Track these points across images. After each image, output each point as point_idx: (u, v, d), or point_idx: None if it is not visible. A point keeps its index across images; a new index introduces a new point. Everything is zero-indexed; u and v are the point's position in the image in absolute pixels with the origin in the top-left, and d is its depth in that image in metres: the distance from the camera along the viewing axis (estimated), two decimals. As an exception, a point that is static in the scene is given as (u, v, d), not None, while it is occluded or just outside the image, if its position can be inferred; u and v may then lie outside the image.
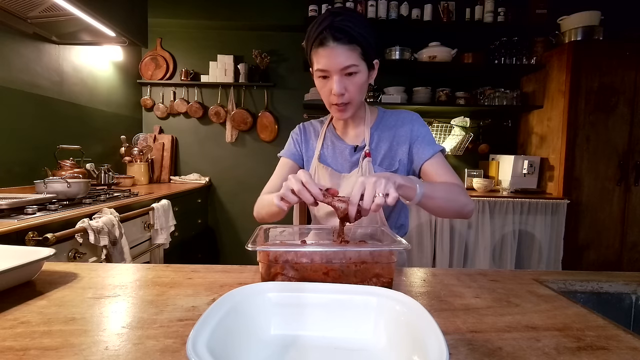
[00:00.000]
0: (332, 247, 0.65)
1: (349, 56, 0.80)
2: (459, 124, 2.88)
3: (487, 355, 0.42)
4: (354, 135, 1.00)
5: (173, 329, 0.47)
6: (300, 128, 1.08)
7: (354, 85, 0.84)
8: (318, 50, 0.81)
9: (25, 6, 1.67)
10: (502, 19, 2.58)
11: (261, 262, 0.62)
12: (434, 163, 0.91)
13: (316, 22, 0.82)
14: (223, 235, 3.10)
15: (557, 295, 0.63)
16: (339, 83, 0.82)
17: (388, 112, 1.01)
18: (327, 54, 0.80)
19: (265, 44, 2.92)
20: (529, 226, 2.40)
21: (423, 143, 0.93)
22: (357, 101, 0.88)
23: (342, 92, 0.83)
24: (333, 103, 0.87)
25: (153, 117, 3.01)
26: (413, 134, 0.95)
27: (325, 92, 0.87)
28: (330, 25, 0.78)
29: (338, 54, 0.79)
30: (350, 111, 0.89)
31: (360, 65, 0.82)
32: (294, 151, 1.05)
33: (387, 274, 0.61)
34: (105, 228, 1.36)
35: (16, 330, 0.46)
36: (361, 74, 0.83)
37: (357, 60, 0.81)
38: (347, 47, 0.79)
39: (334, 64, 0.80)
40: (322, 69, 0.83)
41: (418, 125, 0.96)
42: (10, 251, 0.66)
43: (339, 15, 0.79)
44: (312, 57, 0.85)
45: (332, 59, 0.80)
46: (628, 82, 2.36)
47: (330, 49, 0.79)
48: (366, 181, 0.63)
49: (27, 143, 1.85)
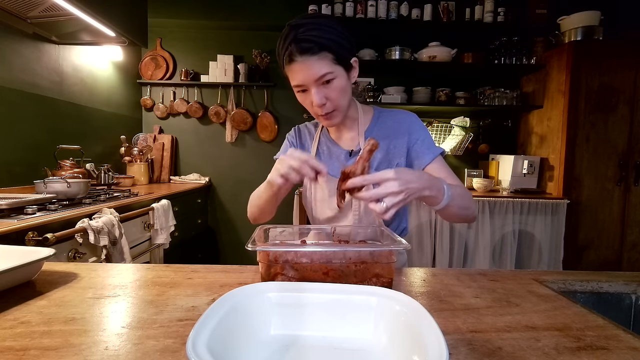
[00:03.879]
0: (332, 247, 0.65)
1: (321, 65, 0.77)
2: (459, 124, 2.88)
3: (487, 355, 0.42)
4: (348, 138, 0.97)
5: (173, 329, 0.47)
6: (296, 130, 1.06)
7: (334, 92, 0.81)
8: (289, 66, 0.79)
9: (25, 6, 1.66)
10: (502, 19, 2.58)
11: (261, 262, 0.62)
12: (435, 168, 0.89)
13: (281, 39, 0.79)
14: (223, 235, 3.10)
15: (557, 295, 0.63)
16: (318, 94, 0.80)
17: (384, 113, 0.98)
18: (298, 69, 0.78)
19: (265, 44, 2.91)
20: (528, 226, 2.40)
21: (422, 146, 0.90)
22: (342, 106, 0.85)
23: (323, 102, 0.81)
24: (318, 114, 0.85)
25: (153, 117, 3.01)
26: (411, 137, 0.92)
27: (307, 105, 0.85)
28: (294, 39, 0.75)
29: (308, 66, 0.76)
30: (338, 117, 0.87)
31: (335, 71, 0.79)
32: None
33: (387, 274, 0.61)
34: (105, 228, 1.36)
35: (16, 330, 0.46)
36: (339, 78, 0.80)
37: (331, 66, 0.78)
38: (316, 57, 0.76)
39: (307, 76, 0.78)
40: (298, 84, 0.81)
41: (416, 127, 0.93)
42: (10, 251, 0.66)
43: (300, 27, 0.76)
44: (286, 74, 0.83)
45: (304, 73, 0.77)
46: (628, 82, 2.36)
47: (299, 63, 0.76)
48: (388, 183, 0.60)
49: (27, 143, 1.85)
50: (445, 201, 0.70)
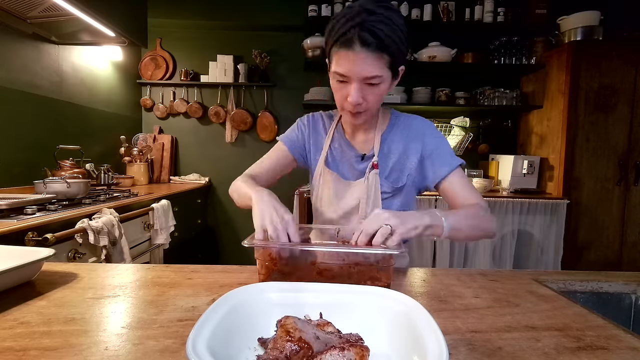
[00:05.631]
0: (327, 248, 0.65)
1: (375, 65, 0.70)
2: (459, 124, 2.88)
3: (487, 355, 0.42)
4: (363, 140, 0.92)
5: (173, 329, 0.47)
6: (310, 118, 0.99)
7: (374, 95, 0.75)
8: (340, 51, 0.71)
9: (25, 6, 1.66)
10: (502, 19, 2.59)
11: (257, 259, 0.63)
12: (454, 181, 0.83)
13: (344, 16, 0.70)
14: (223, 236, 3.09)
15: (557, 295, 0.63)
16: (358, 92, 0.73)
17: (401, 118, 0.93)
18: (350, 59, 0.70)
19: (265, 44, 2.91)
20: (528, 226, 2.40)
21: (439, 158, 0.85)
22: (375, 109, 0.81)
23: (360, 102, 0.75)
24: (347, 109, 0.79)
25: (153, 117, 3.01)
26: (425, 148, 0.87)
27: (340, 96, 0.78)
28: (360, 25, 0.67)
29: (363, 61, 0.69)
30: (364, 118, 0.82)
31: (384, 75, 0.72)
32: (295, 140, 0.98)
33: (385, 278, 0.60)
34: (105, 228, 1.36)
35: (16, 330, 0.46)
36: (384, 83, 0.74)
37: (383, 70, 0.71)
38: (374, 55, 0.69)
39: (357, 71, 0.71)
40: (342, 73, 0.73)
41: (431, 137, 0.87)
42: (10, 251, 0.66)
43: (372, 13, 0.68)
44: (331, 54, 0.75)
45: (355, 66, 0.70)
46: (628, 82, 2.36)
47: (355, 53, 0.69)
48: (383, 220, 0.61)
49: (26, 143, 1.85)
50: (446, 232, 0.68)
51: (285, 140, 0.98)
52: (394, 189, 0.89)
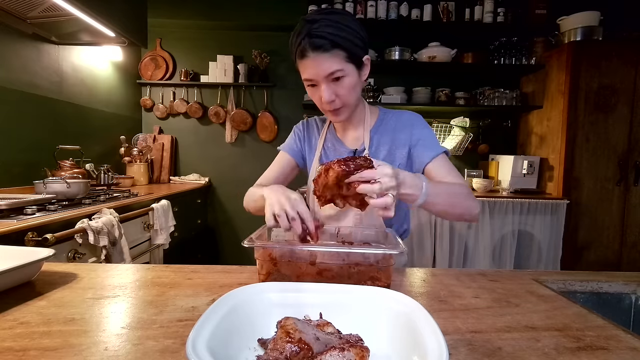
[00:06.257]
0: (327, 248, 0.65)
1: (332, 62, 0.77)
2: (459, 124, 2.88)
3: (486, 355, 0.42)
4: (353, 137, 0.98)
5: (173, 329, 0.47)
6: (304, 124, 1.06)
7: (343, 89, 0.81)
8: (301, 61, 0.80)
9: (25, 6, 1.66)
10: (501, 19, 2.59)
11: (257, 259, 0.63)
12: (437, 165, 0.87)
13: (294, 33, 0.80)
14: (223, 236, 3.09)
15: (557, 295, 0.63)
16: (327, 90, 0.80)
17: (389, 113, 0.98)
18: (309, 64, 0.78)
19: (264, 44, 2.91)
20: (528, 226, 2.40)
21: (424, 146, 0.90)
22: (351, 103, 0.86)
23: (332, 99, 0.82)
24: (326, 109, 0.86)
25: (153, 117, 3.01)
26: (413, 137, 0.92)
27: (316, 100, 0.86)
28: (307, 35, 0.76)
29: (320, 62, 0.77)
30: (346, 113, 0.87)
31: (346, 68, 0.79)
32: (294, 147, 1.04)
33: (385, 278, 0.60)
34: (104, 228, 1.36)
35: (15, 330, 0.46)
36: (349, 76, 0.80)
37: (342, 64, 0.78)
38: (328, 54, 0.76)
39: (318, 72, 0.78)
40: (308, 78, 0.81)
41: (419, 128, 0.93)
42: (10, 252, 0.66)
43: (315, 22, 0.76)
44: (298, 67, 0.84)
45: (315, 69, 0.78)
46: (627, 82, 2.36)
47: (311, 59, 0.77)
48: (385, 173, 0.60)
49: (26, 143, 1.85)
50: (423, 198, 0.67)
51: (286, 149, 1.04)
52: None
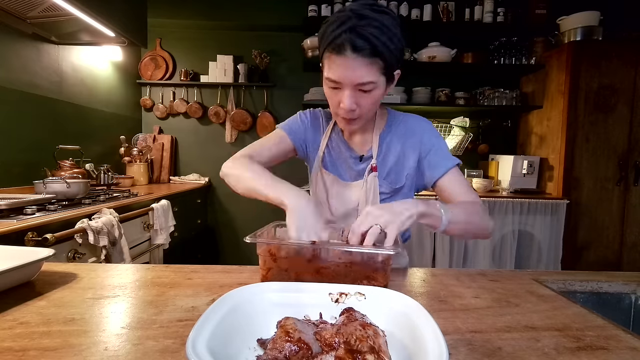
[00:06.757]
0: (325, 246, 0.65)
1: (368, 71, 0.68)
2: (459, 124, 2.88)
3: (486, 355, 0.42)
4: (360, 141, 0.91)
5: (173, 329, 0.47)
6: (311, 113, 0.96)
7: (367, 102, 0.74)
8: (332, 56, 0.69)
9: (25, 6, 1.66)
10: (501, 19, 2.59)
11: (259, 255, 0.64)
12: (450, 180, 0.83)
13: (335, 21, 0.68)
14: (223, 236, 3.09)
15: (557, 295, 0.63)
16: (351, 98, 0.72)
17: (398, 117, 0.91)
18: (342, 64, 0.68)
19: (265, 44, 2.91)
20: (528, 226, 2.40)
21: (436, 157, 0.84)
22: (370, 115, 0.79)
23: (353, 108, 0.73)
24: (341, 115, 0.77)
25: (152, 117, 3.01)
26: (423, 147, 0.86)
27: (333, 103, 0.77)
28: (351, 29, 0.66)
29: (355, 67, 0.68)
30: (358, 124, 0.80)
31: (378, 81, 0.71)
32: (295, 129, 0.94)
33: (382, 279, 0.61)
34: (104, 228, 1.36)
35: (15, 330, 0.46)
36: (378, 89, 0.72)
37: (376, 75, 0.69)
38: (367, 61, 0.67)
39: (349, 77, 0.69)
40: (334, 79, 0.71)
41: (429, 136, 0.86)
42: (10, 251, 0.66)
43: (364, 18, 0.66)
44: (324, 60, 0.73)
45: (347, 72, 0.69)
46: (627, 82, 2.36)
47: (346, 59, 0.67)
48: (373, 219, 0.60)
49: (26, 143, 1.85)
50: (444, 226, 0.68)
51: (285, 128, 0.94)
52: (393, 189, 0.89)
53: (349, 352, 0.35)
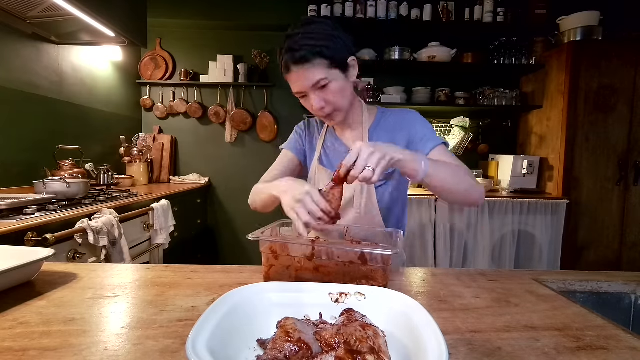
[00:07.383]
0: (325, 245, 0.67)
1: (314, 72, 0.79)
2: (459, 124, 2.88)
3: (486, 355, 0.42)
4: (352, 136, 0.98)
5: (173, 329, 0.47)
6: (305, 123, 1.07)
7: (331, 95, 0.83)
8: (287, 75, 0.83)
9: (25, 6, 1.66)
10: (501, 19, 2.59)
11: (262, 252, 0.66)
12: (437, 154, 0.87)
13: (279, 50, 0.83)
14: (223, 236, 3.09)
15: (557, 295, 0.63)
16: (316, 99, 0.83)
17: (387, 113, 0.99)
18: (294, 78, 0.81)
19: (264, 44, 2.91)
20: (528, 226, 2.40)
21: (424, 138, 0.90)
22: (342, 106, 0.87)
23: (322, 106, 0.84)
24: (320, 115, 0.88)
25: (152, 117, 3.01)
26: (411, 136, 0.92)
27: (309, 108, 0.88)
28: (288, 50, 0.79)
29: (303, 74, 0.79)
30: (339, 116, 0.89)
31: (330, 75, 0.81)
32: (297, 145, 1.04)
33: (381, 278, 0.61)
34: (104, 228, 1.36)
35: (15, 330, 0.46)
36: (335, 81, 0.82)
37: (325, 72, 0.80)
38: (310, 65, 0.78)
39: (303, 85, 0.81)
40: (296, 91, 0.84)
41: (417, 126, 0.92)
42: (10, 251, 0.66)
43: (293, 36, 0.79)
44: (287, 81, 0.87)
45: (299, 82, 0.81)
46: (627, 82, 2.36)
47: (294, 72, 0.80)
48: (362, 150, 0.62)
49: (26, 143, 1.85)
50: (424, 172, 0.68)
51: (289, 147, 1.05)
52: (386, 175, 0.93)
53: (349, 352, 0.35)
